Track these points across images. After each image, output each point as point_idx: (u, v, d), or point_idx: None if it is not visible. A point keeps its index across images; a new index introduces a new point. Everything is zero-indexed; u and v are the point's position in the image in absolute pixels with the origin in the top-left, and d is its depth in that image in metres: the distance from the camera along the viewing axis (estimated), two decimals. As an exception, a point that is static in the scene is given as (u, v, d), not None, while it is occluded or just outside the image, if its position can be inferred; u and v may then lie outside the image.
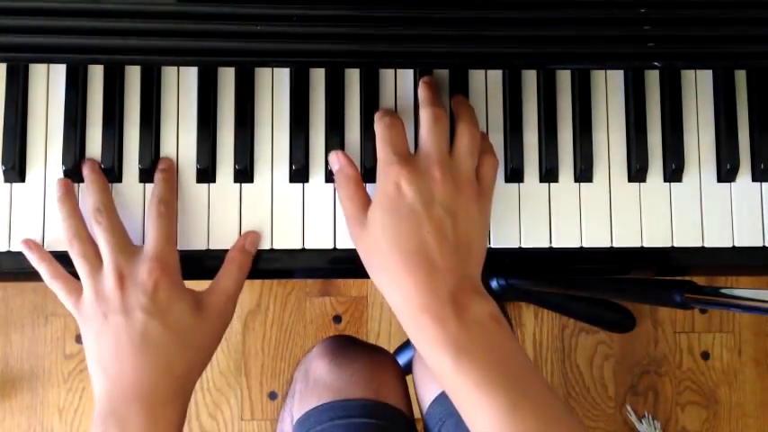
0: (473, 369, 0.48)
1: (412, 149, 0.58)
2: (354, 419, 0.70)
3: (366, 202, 0.55)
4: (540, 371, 0.50)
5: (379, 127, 0.55)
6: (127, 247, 0.55)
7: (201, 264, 0.58)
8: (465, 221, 0.52)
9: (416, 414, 0.78)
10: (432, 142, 0.54)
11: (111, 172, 0.58)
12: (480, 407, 0.47)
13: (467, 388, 0.48)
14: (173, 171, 0.58)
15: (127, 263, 0.54)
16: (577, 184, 0.60)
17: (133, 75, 0.59)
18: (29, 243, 0.57)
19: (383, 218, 0.52)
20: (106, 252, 0.55)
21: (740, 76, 0.61)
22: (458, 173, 0.53)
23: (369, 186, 0.58)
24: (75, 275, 0.56)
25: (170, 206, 0.56)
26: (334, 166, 0.57)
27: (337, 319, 1.38)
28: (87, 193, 0.57)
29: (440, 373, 0.50)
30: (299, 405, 0.76)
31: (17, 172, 0.57)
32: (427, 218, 0.51)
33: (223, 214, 0.58)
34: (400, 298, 0.51)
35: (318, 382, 0.75)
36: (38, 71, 0.59)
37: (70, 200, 0.57)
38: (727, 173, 0.60)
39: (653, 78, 0.61)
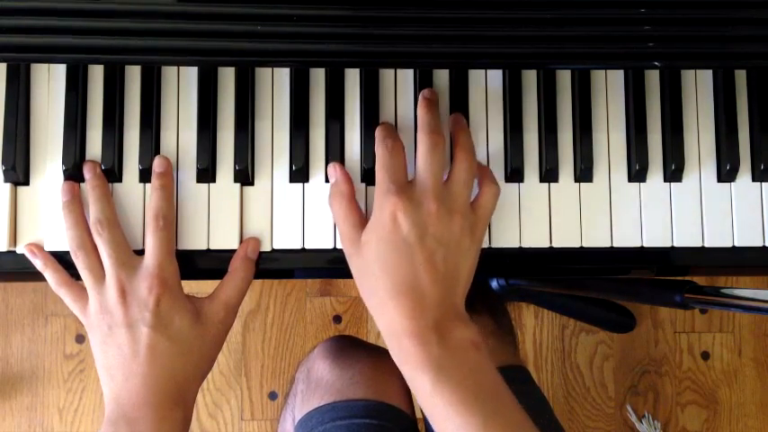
0: (449, 389, 0.50)
1: (411, 150, 0.58)
2: (356, 420, 0.70)
3: (359, 221, 0.55)
4: (513, 394, 0.53)
5: (380, 151, 0.56)
6: (127, 261, 0.56)
7: (201, 264, 0.59)
8: (456, 253, 0.53)
9: (418, 414, 0.78)
10: (428, 172, 0.54)
11: (112, 172, 0.58)
12: (454, 424, 0.50)
13: (443, 406, 0.50)
14: (170, 176, 0.58)
15: (128, 277, 0.55)
16: (577, 184, 0.60)
17: (133, 75, 0.59)
18: (32, 248, 0.57)
19: (377, 246, 0.53)
20: (108, 265, 0.55)
21: (740, 76, 0.61)
22: (453, 204, 0.54)
23: (369, 188, 0.59)
24: (78, 276, 0.57)
25: (168, 219, 0.56)
26: (331, 179, 0.58)
27: (337, 319, 1.38)
28: (89, 199, 0.57)
29: (419, 392, 0.52)
30: (300, 405, 0.76)
31: (17, 171, 0.57)
32: (420, 250, 0.52)
33: (223, 214, 0.58)
34: (387, 322, 0.53)
35: (320, 382, 0.75)
36: (38, 71, 0.59)
37: (76, 207, 0.57)
38: (727, 173, 0.60)
39: (653, 78, 0.61)
